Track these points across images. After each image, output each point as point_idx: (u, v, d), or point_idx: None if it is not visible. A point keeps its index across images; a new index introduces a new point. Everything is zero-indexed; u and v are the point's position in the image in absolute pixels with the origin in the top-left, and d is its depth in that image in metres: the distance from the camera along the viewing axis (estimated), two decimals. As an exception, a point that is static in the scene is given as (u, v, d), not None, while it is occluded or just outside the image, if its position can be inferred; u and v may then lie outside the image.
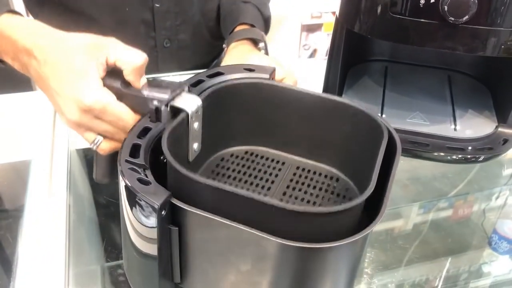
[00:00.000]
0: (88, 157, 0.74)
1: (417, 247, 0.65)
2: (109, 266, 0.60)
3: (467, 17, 0.58)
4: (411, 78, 0.85)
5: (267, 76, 0.59)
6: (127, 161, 0.45)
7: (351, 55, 0.80)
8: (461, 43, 0.61)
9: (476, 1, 0.57)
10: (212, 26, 0.95)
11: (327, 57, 0.80)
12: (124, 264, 0.55)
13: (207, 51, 0.98)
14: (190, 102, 0.51)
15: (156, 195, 0.42)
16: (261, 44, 0.81)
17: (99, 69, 0.48)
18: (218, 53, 1.02)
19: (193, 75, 0.59)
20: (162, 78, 0.57)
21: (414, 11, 0.60)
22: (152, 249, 0.45)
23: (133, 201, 0.43)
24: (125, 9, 0.85)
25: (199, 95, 0.54)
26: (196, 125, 0.53)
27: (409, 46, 0.66)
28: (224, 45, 0.98)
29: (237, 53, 0.78)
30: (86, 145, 0.52)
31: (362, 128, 0.54)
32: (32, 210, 0.62)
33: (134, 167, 0.44)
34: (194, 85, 0.56)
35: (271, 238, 0.40)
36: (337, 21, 0.71)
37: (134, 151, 0.46)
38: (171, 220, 0.45)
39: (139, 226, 0.44)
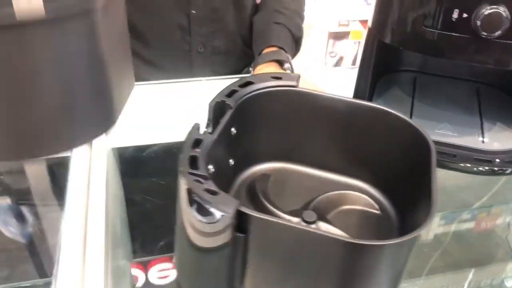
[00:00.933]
0: (124, 155, 0.76)
1: (439, 257, 0.66)
2: (139, 262, 0.63)
3: (499, 32, 0.59)
4: (440, 90, 0.86)
5: (294, 83, 0.61)
6: (190, 173, 0.46)
7: (381, 65, 0.81)
8: (492, 57, 0.62)
9: (509, 17, 0.58)
10: (245, 34, 0.98)
11: (353, 65, 0.81)
12: (178, 268, 0.56)
13: (239, 57, 1.01)
14: None
15: (227, 205, 0.43)
16: (287, 65, 0.84)
17: None
18: (249, 60, 1.04)
19: (223, 80, 0.61)
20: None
21: (447, 25, 0.61)
22: (214, 256, 0.47)
23: (202, 211, 0.44)
24: (163, 14, 0.88)
25: (235, 104, 0.56)
26: None
27: (440, 58, 0.67)
28: (251, 67, 1.01)
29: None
30: (122, 144, 0.54)
31: (403, 140, 0.55)
32: (72, 206, 0.64)
33: (198, 178, 0.46)
34: (228, 96, 0.57)
35: (341, 239, 0.42)
36: (370, 31, 0.72)
37: (193, 162, 0.48)
38: (237, 228, 0.45)
39: (204, 235, 0.46)
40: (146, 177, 0.74)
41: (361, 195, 0.60)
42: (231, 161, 0.59)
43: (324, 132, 0.61)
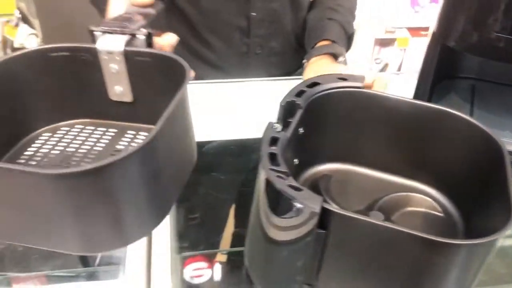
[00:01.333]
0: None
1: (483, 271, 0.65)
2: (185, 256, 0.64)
3: None
4: (499, 97, 0.84)
5: (360, 84, 0.61)
6: (271, 169, 0.46)
7: (441, 71, 0.80)
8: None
9: None
10: (300, 34, 0.99)
11: (399, 72, 0.81)
12: (250, 261, 0.56)
13: (294, 58, 1.02)
14: (110, 43, 0.54)
15: (313, 200, 0.43)
16: (341, 59, 0.83)
17: None
18: (302, 60, 1.06)
19: (278, 80, 0.61)
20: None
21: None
22: (292, 251, 0.47)
23: (285, 206, 0.44)
24: (224, 15, 0.90)
25: (305, 104, 0.56)
26: (112, 66, 0.56)
27: (498, 64, 0.66)
28: (304, 60, 1.02)
29: (316, 67, 0.81)
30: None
31: (471, 143, 0.55)
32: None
33: (280, 174, 0.46)
34: (297, 95, 0.58)
35: (428, 237, 0.41)
36: (434, 36, 0.72)
37: (272, 159, 0.48)
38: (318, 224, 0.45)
39: (285, 230, 0.46)
40: (203, 173, 0.76)
41: (424, 197, 0.60)
42: (296, 161, 0.60)
43: (387, 134, 0.61)
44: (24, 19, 1.83)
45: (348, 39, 0.93)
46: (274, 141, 0.51)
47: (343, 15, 0.92)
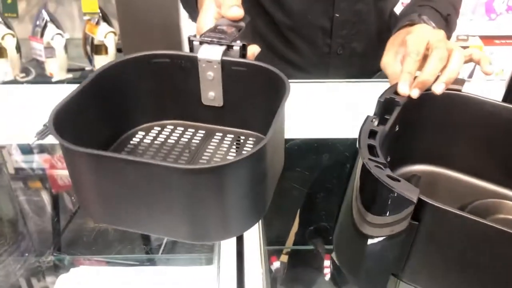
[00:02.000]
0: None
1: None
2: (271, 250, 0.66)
3: None
4: None
5: (459, 87, 0.61)
6: (370, 159, 0.48)
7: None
8: None
9: None
10: (384, 37, 0.99)
11: (470, 79, 0.78)
12: (337, 251, 0.59)
13: (375, 60, 1.02)
14: (209, 53, 0.59)
15: (410, 191, 0.44)
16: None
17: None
18: None
19: (359, 82, 0.61)
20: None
21: None
22: (384, 242, 0.48)
23: (384, 195, 0.45)
24: (308, 16, 0.91)
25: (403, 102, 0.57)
26: (208, 73, 0.60)
27: None
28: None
29: (402, 30, 0.77)
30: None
31: None
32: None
33: (379, 165, 0.47)
34: (396, 93, 0.59)
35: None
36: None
37: (371, 150, 0.50)
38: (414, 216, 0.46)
39: (381, 219, 0.47)
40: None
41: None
42: (388, 158, 0.60)
43: (482, 138, 0.61)
44: (104, 18, 1.92)
45: (445, 20, 0.87)
46: (372, 134, 0.52)
47: (437, 2, 0.87)
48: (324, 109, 0.60)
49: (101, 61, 1.95)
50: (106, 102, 0.58)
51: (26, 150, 0.84)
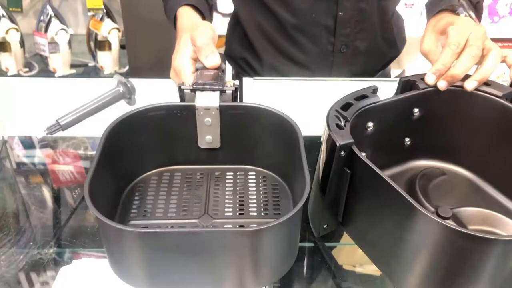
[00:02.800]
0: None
1: None
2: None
3: None
4: None
5: (500, 93, 0.61)
6: (336, 110, 0.56)
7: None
8: None
9: None
10: (387, 36, 0.99)
11: None
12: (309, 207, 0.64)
13: (378, 58, 1.02)
14: (206, 100, 0.61)
15: (342, 138, 0.51)
16: (460, 11, 0.77)
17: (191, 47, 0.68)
18: (388, 61, 1.05)
19: (362, 81, 0.65)
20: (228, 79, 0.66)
21: None
22: (330, 191, 0.55)
23: (328, 142, 0.53)
24: (312, 14, 0.92)
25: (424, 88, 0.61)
26: (206, 119, 0.62)
27: None
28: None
29: (444, 18, 0.76)
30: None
31: None
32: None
33: (339, 115, 0.54)
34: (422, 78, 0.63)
35: (422, 211, 0.46)
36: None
37: (345, 106, 0.56)
38: (348, 165, 0.53)
39: (322, 162, 0.54)
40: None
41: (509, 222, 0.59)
42: (407, 140, 0.64)
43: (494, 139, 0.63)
44: (108, 14, 1.92)
45: (474, 8, 0.86)
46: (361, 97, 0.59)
47: None
48: (327, 107, 0.60)
49: (104, 57, 1.95)
50: (114, 161, 0.60)
51: (27, 144, 0.84)
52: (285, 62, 0.98)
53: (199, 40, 0.65)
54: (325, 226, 0.61)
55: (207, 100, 0.61)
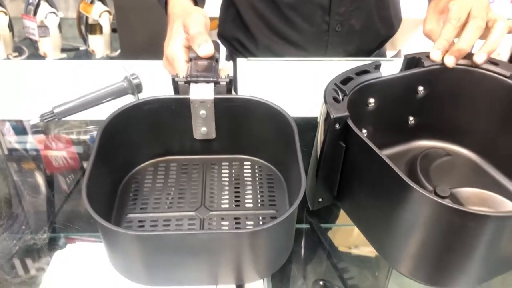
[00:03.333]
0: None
1: None
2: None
3: None
4: None
5: (507, 73, 0.61)
6: (335, 84, 0.56)
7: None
8: None
9: None
10: (383, 14, 0.98)
11: None
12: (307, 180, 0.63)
13: (374, 37, 1.01)
14: (201, 93, 0.60)
15: (338, 111, 0.51)
16: None
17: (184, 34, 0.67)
18: (383, 40, 1.04)
19: (356, 61, 0.64)
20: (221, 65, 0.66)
21: None
22: (325, 163, 0.55)
23: (325, 116, 0.53)
24: None
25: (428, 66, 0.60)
26: (201, 111, 0.62)
27: None
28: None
29: (435, 3, 0.74)
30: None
31: None
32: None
33: (338, 89, 0.55)
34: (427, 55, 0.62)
35: (413, 186, 0.45)
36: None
37: (345, 81, 0.56)
38: (343, 139, 0.53)
39: (321, 137, 0.55)
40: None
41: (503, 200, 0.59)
42: (411, 118, 0.64)
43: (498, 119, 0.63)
44: (99, -3, 1.90)
45: None
46: (363, 72, 0.58)
47: None
48: (323, 87, 0.60)
49: (95, 41, 1.93)
50: (111, 155, 0.60)
51: (19, 129, 0.83)
52: (279, 42, 0.97)
53: (192, 28, 0.64)
54: (320, 199, 0.61)
55: (201, 93, 0.60)
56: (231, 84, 0.62)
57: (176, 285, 0.54)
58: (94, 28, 1.91)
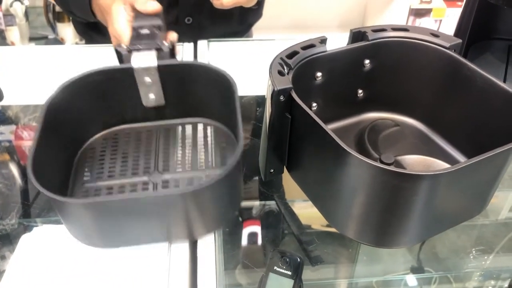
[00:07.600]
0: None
1: None
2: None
3: None
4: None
5: (447, 44, 0.63)
6: (281, 58, 0.58)
7: (475, 32, 0.81)
8: None
9: None
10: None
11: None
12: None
13: (231, 24, 1.00)
14: (144, 61, 0.61)
15: (281, 83, 0.53)
16: None
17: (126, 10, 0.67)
18: (248, 22, 1.03)
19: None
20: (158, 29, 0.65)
21: None
22: (273, 135, 0.58)
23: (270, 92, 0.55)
24: None
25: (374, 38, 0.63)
26: (146, 79, 0.62)
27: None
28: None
29: None
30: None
31: None
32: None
33: (283, 63, 0.57)
34: (374, 31, 0.64)
35: (351, 152, 0.48)
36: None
37: (291, 55, 0.58)
38: (289, 110, 0.55)
39: (268, 110, 0.56)
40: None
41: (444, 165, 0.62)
42: (360, 91, 0.66)
43: (457, 100, 0.65)
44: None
45: None
46: (308, 47, 0.60)
47: None
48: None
49: (64, 29, 1.92)
50: (60, 129, 0.60)
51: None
52: None
53: None
54: (272, 170, 0.63)
55: (144, 61, 0.61)
56: (175, 49, 0.63)
57: (132, 245, 0.55)
58: (62, 16, 1.89)
